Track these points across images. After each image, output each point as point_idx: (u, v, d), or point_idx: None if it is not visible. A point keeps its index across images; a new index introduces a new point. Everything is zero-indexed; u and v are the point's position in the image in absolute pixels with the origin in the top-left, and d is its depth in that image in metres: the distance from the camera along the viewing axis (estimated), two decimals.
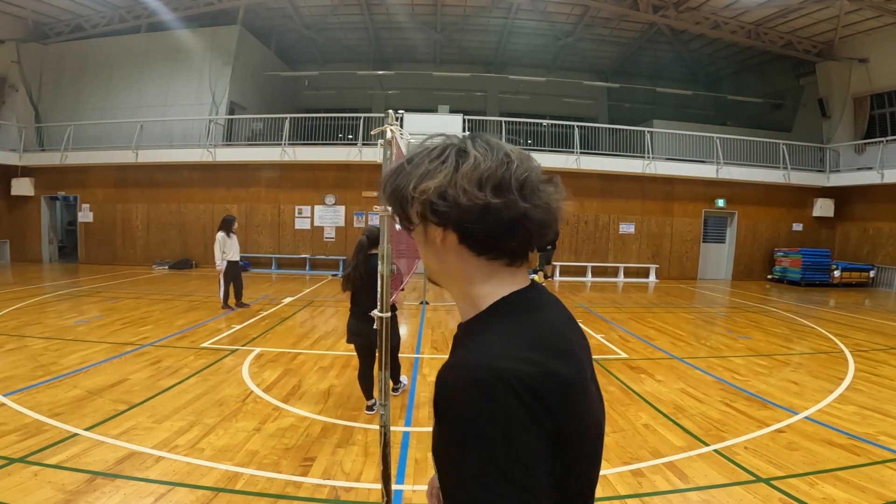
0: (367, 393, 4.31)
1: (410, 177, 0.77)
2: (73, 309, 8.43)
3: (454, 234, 0.77)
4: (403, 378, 4.99)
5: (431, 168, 0.76)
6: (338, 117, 15.72)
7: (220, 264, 8.43)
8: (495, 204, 0.73)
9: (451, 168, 0.75)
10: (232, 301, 8.86)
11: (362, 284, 4.05)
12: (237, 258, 8.70)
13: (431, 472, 3.20)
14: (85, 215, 15.81)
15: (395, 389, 4.73)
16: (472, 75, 19.69)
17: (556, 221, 0.80)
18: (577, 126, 14.90)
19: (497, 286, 0.80)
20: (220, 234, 8.44)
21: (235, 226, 8.72)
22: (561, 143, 15.23)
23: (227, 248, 8.47)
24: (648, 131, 15.05)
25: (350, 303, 4.25)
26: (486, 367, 0.67)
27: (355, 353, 4.75)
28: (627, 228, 15.55)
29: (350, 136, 15.88)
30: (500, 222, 0.75)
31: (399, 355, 5.05)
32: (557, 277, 14.99)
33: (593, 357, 1.01)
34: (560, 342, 0.76)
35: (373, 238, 4.10)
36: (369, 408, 4.27)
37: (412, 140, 14.52)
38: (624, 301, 11.13)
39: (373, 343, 3.60)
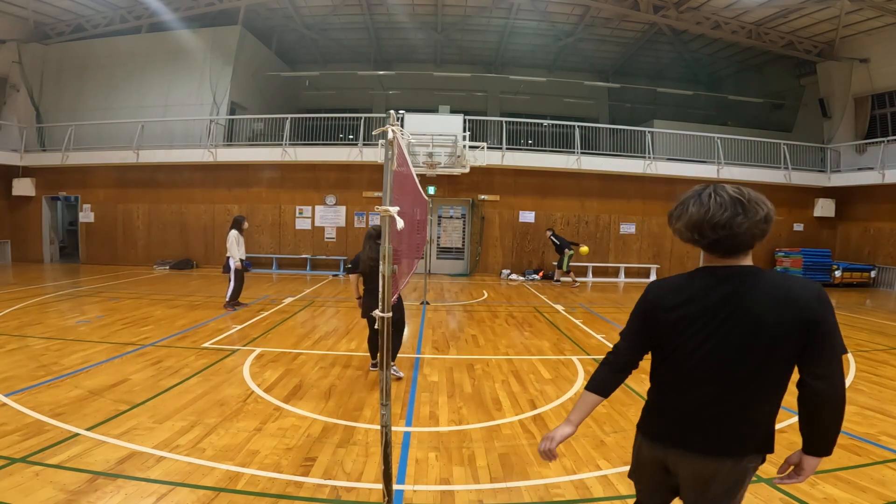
0: (373, 354, 5.32)
1: (672, 218, 1.60)
2: (75, 309, 8.45)
3: (688, 241, 1.61)
4: (400, 373, 5.22)
5: (677, 215, 1.58)
6: (338, 117, 15.73)
7: (237, 262, 8.48)
8: (691, 235, 1.55)
9: (679, 216, 1.57)
10: (245, 299, 8.92)
11: (373, 266, 4.71)
12: (244, 257, 8.75)
13: (432, 472, 3.20)
14: (86, 215, 15.83)
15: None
16: (473, 75, 19.69)
17: (745, 237, 1.49)
18: (578, 126, 14.90)
19: (705, 261, 1.62)
20: (235, 233, 8.48)
21: (246, 225, 8.75)
22: (562, 143, 15.22)
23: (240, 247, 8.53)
24: (649, 131, 15.04)
25: (364, 284, 5.11)
26: (652, 282, 1.75)
27: (355, 353, 5.09)
28: (628, 228, 15.55)
29: (351, 137, 15.88)
30: (698, 241, 1.56)
31: (399, 350, 5.51)
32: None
33: (596, 356, 2.99)
34: (684, 290, 1.59)
35: (378, 232, 4.90)
36: (373, 365, 5.31)
37: (413, 140, 14.48)
38: (625, 301, 11.12)
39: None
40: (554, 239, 13.59)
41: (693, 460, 1.57)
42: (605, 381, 1.72)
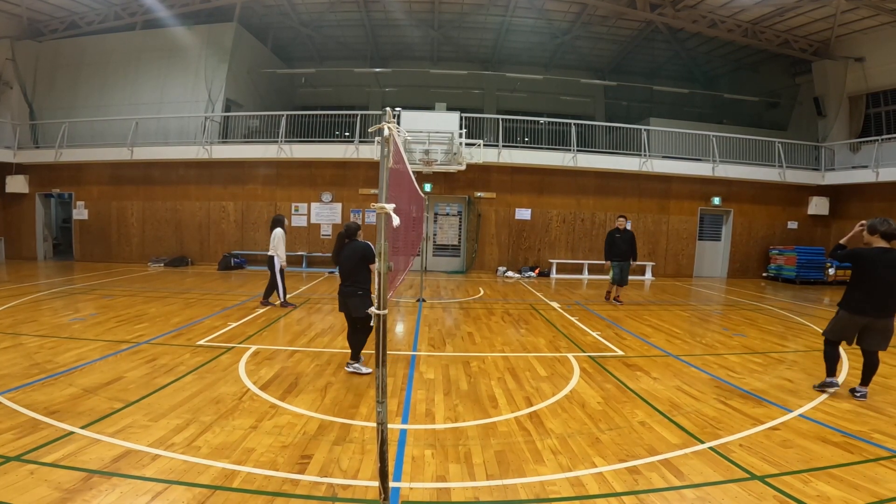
0: (353, 354, 5.23)
1: (880, 225, 4.58)
2: (69, 307, 8.40)
3: (877, 235, 4.63)
4: (367, 368, 5.19)
5: (883, 223, 4.61)
6: (334, 115, 15.68)
7: (283, 261, 8.59)
8: (894, 233, 4.65)
9: (887, 224, 4.60)
10: (275, 298, 8.91)
11: (340, 263, 5.39)
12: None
13: (428, 470, 3.21)
14: (80, 213, 15.74)
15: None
16: (470, 73, 19.69)
17: None
18: (575, 124, 14.90)
19: (878, 244, 4.61)
20: (280, 231, 8.58)
21: (286, 223, 8.76)
22: (558, 140, 15.23)
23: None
24: (645, 129, 15.07)
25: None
26: (860, 248, 4.83)
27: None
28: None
29: (347, 134, 15.85)
30: (884, 234, 4.61)
31: (374, 343, 5.57)
32: (554, 275, 15.02)
33: (592, 353, 5.30)
34: (873, 252, 4.57)
35: (349, 231, 5.48)
36: (349, 363, 5.22)
37: (409, 137, 14.42)
38: (621, 299, 11.14)
39: (349, 313, 5.18)
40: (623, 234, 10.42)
41: (878, 320, 4.50)
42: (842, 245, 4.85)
